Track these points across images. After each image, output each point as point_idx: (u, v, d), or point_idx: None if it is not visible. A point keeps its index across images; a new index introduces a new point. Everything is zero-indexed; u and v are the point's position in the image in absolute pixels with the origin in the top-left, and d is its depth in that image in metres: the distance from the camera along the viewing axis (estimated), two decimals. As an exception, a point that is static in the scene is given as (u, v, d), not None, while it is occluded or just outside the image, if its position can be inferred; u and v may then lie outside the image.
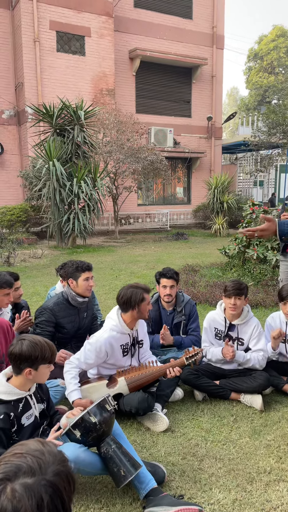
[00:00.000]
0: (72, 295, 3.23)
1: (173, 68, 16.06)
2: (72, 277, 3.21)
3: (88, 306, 3.40)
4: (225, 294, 3.14)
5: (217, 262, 8.19)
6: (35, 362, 2.00)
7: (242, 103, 36.00)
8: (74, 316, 3.29)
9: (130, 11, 14.90)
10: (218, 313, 3.27)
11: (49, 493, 0.79)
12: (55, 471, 0.82)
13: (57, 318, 3.20)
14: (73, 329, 3.30)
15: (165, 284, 3.43)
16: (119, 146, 11.79)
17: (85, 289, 3.24)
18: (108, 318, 2.89)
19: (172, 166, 16.32)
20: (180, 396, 3.10)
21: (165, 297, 3.44)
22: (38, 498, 0.77)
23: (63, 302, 3.25)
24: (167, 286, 3.42)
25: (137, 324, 2.90)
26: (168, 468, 2.32)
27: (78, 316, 3.32)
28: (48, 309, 3.20)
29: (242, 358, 3.09)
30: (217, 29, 16.72)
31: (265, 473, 2.30)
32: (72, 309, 3.28)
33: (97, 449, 2.10)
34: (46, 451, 0.85)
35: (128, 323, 2.82)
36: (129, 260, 9.11)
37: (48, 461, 0.83)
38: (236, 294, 3.07)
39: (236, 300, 3.08)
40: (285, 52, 32.81)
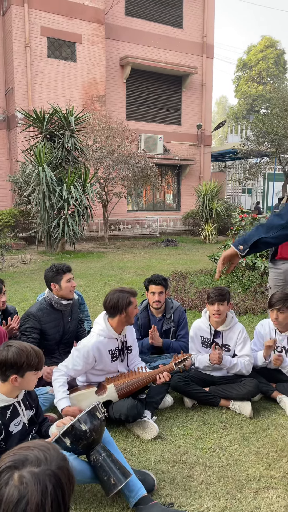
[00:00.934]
0: (55, 299, 3.20)
1: (163, 76, 16.20)
2: (54, 281, 3.18)
3: (72, 309, 3.38)
4: (208, 301, 3.17)
5: (206, 269, 8.23)
6: (20, 369, 1.98)
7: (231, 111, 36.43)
8: (58, 320, 3.26)
9: (121, 19, 15.02)
10: (203, 321, 3.29)
11: (52, 483, 0.86)
12: (58, 465, 0.90)
13: (41, 323, 3.17)
14: (58, 334, 3.27)
15: (153, 290, 3.43)
16: (109, 152, 11.82)
17: (68, 291, 3.22)
18: (95, 324, 2.88)
19: (162, 173, 16.41)
20: (169, 403, 3.10)
21: (154, 303, 3.44)
22: (43, 486, 0.85)
23: (46, 307, 3.22)
24: (155, 293, 3.43)
25: (125, 330, 2.90)
26: (157, 476, 2.31)
27: (63, 320, 3.29)
28: (32, 315, 3.17)
29: (229, 363, 3.11)
30: (207, 39, 16.95)
31: (255, 480, 2.30)
32: (56, 313, 3.25)
33: (87, 457, 2.08)
34: (51, 447, 0.93)
35: (115, 327, 2.81)
36: (118, 266, 9.10)
37: (53, 455, 0.91)
38: (218, 300, 3.09)
39: (219, 306, 3.10)
40: (273, 62, 33.37)
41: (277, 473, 2.36)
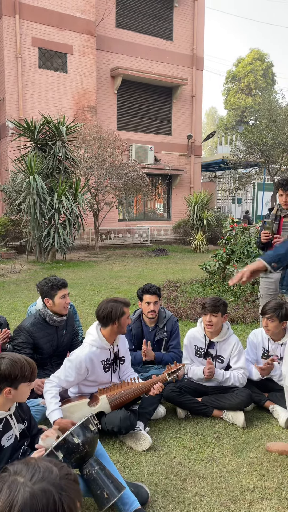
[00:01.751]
0: (49, 314, 3.14)
1: (154, 87, 16.38)
2: (48, 296, 3.10)
3: (67, 322, 3.33)
4: (202, 311, 3.17)
5: (197, 278, 8.25)
6: (15, 381, 1.96)
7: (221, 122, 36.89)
8: (52, 335, 3.21)
9: (112, 31, 15.19)
10: (198, 330, 3.28)
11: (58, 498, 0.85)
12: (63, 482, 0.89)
13: (34, 339, 3.11)
14: (51, 349, 3.23)
15: (148, 300, 3.42)
16: (100, 162, 11.86)
17: (62, 308, 3.16)
18: (87, 334, 2.86)
19: (152, 182, 16.49)
20: (162, 413, 3.08)
21: (149, 313, 3.43)
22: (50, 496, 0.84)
23: (40, 321, 3.16)
24: (151, 302, 3.41)
25: (117, 340, 2.88)
26: (151, 488, 2.28)
27: (57, 334, 3.24)
28: (25, 330, 3.11)
29: (222, 377, 3.10)
30: (196, 51, 17.20)
31: (248, 491, 2.29)
32: (50, 328, 3.20)
33: (80, 470, 2.05)
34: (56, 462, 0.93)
35: (108, 337, 2.79)
36: (109, 275, 9.08)
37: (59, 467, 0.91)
38: (211, 311, 3.08)
39: (211, 317, 3.09)
40: (262, 75, 33.96)
41: (271, 483, 2.35)
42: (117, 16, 15.27)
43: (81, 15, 13.92)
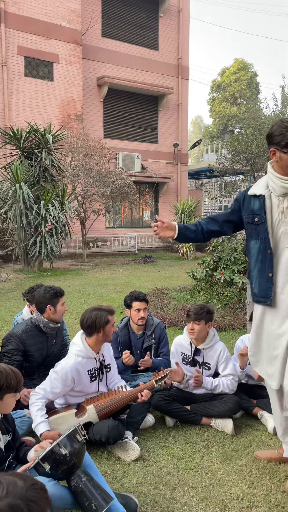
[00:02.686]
0: (44, 322, 3.13)
1: (140, 96, 16.50)
2: (51, 303, 3.11)
3: (57, 333, 3.32)
4: (186, 318, 3.17)
5: (185, 285, 8.26)
6: (0, 392, 1.92)
7: (207, 131, 37.30)
8: (42, 343, 3.19)
9: (98, 40, 15.30)
10: (184, 337, 3.28)
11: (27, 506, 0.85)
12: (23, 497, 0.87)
13: (25, 346, 3.09)
14: (41, 357, 3.20)
15: (138, 307, 3.40)
16: (87, 170, 11.86)
17: (61, 315, 3.19)
18: (72, 344, 2.81)
19: (139, 190, 16.54)
20: (151, 422, 3.05)
21: (139, 320, 3.41)
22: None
23: (32, 329, 3.15)
24: (140, 309, 3.39)
25: (102, 348, 2.85)
26: (140, 499, 2.25)
27: (47, 343, 3.22)
28: (16, 336, 3.08)
29: (210, 385, 3.10)
30: (182, 61, 17.41)
31: (238, 499, 2.27)
32: (41, 336, 3.18)
33: (67, 482, 2.01)
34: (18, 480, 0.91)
35: (93, 346, 2.76)
36: (97, 283, 9.03)
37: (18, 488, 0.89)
38: (193, 319, 3.08)
39: (194, 324, 3.09)
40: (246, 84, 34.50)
41: (260, 491, 2.34)
42: (103, 26, 15.39)
43: (66, 24, 13.99)
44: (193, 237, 2.54)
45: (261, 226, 2.31)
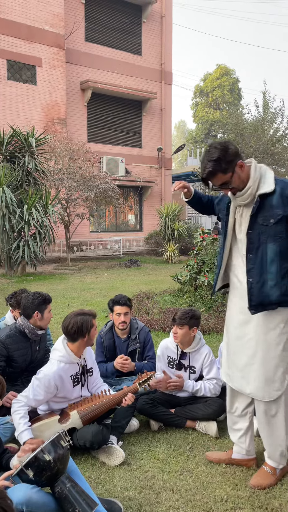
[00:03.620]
0: (30, 328, 3.11)
1: (124, 100, 16.55)
2: (39, 309, 3.10)
3: (41, 338, 3.30)
4: (171, 322, 3.19)
5: (169, 289, 8.29)
6: None
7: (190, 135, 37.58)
8: (26, 349, 3.16)
9: (82, 45, 15.31)
10: (170, 341, 3.29)
11: None
12: None
13: (9, 351, 3.06)
14: (25, 363, 3.17)
15: (119, 311, 3.40)
16: (71, 174, 11.82)
17: (48, 321, 3.19)
18: (54, 350, 2.78)
19: (124, 194, 16.56)
20: (135, 426, 3.05)
21: (120, 324, 3.41)
22: None
23: (15, 334, 3.12)
24: (121, 314, 3.40)
25: (84, 352, 2.84)
26: (124, 504, 2.25)
27: (31, 348, 3.20)
28: (0, 341, 3.06)
29: (191, 388, 3.11)
30: (165, 66, 17.55)
31: (222, 501, 2.29)
32: (25, 342, 3.16)
33: (51, 488, 1.99)
34: None
35: (76, 351, 2.75)
36: (81, 287, 8.99)
37: None
38: (177, 323, 3.11)
39: (177, 329, 3.11)
40: (229, 90, 34.93)
41: (244, 492, 2.36)
42: (86, 30, 15.41)
43: (49, 28, 13.97)
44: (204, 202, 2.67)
45: (223, 224, 2.45)
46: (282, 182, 2.24)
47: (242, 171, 2.22)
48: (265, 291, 2.23)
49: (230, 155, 2.17)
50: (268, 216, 2.22)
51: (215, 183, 2.23)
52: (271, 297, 2.22)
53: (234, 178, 2.21)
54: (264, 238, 2.23)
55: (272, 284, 2.22)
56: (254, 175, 2.24)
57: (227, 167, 2.17)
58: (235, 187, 2.24)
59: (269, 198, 2.22)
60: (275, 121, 15.61)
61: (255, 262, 2.25)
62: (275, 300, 2.23)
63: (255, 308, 2.27)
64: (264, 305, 2.25)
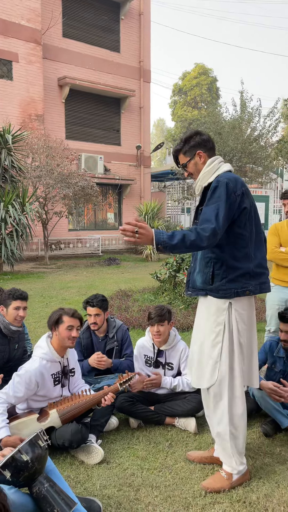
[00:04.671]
0: (5, 323, 3.11)
1: (102, 98, 16.45)
2: (4, 304, 3.12)
3: (20, 337, 3.27)
4: (148, 322, 3.19)
5: (149, 287, 8.30)
6: None
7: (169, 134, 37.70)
8: (4, 346, 3.13)
9: (59, 40, 15.13)
10: (146, 339, 3.30)
11: None
12: None
13: None
14: (2, 361, 3.13)
15: (90, 312, 3.37)
16: (48, 171, 11.67)
17: (13, 319, 3.13)
18: (37, 347, 2.78)
19: (103, 192, 16.47)
20: (115, 425, 3.04)
21: (91, 325, 3.39)
22: None
23: None
24: (91, 315, 3.36)
25: (67, 353, 2.83)
26: (103, 502, 2.24)
27: (9, 346, 3.16)
28: None
29: (169, 385, 3.13)
30: (143, 64, 17.52)
31: (201, 496, 2.31)
32: (2, 339, 3.12)
33: (29, 489, 1.97)
34: None
35: (58, 350, 2.74)
36: (60, 286, 8.91)
37: None
38: (158, 321, 3.12)
39: (159, 327, 3.13)
40: (207, 89, 35.19)
41: (222, 487, 2.38)
42: (63, 26, 15.23)
43: (26, 23, 13.74)
44: None
45: None
46: (221, 177, 2.27)
47: (201, 161, 2.37)
48: (193, 276, 2.42)
49: (195, 141, 2.37)
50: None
51: (179, 161, 2.45)
52: (196, 282, 2.38)
53: (191, 164, 2.39)
54: None
55: (197, 270, 2.38)
56: (205, 168, 2.35)
57: (187, 150, 2.38)
58: (190, 173, 2.42)
59: (208, 190, 2.31)
60: (252, 121, 15.81)
61: None
62: (198, 286, 2.37)
63: (191, 291, 2.44)
64: (195, 290, 2.41)
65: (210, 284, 2.30)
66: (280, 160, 16.80)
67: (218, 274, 2.27)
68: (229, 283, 2.26)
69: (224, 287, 2.27)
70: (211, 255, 2.30)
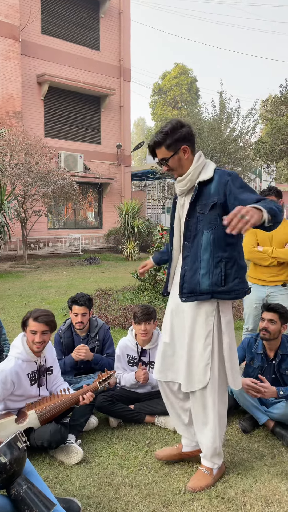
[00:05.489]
0: None
1: (82, 96, 16.33)
2: None
3: None
4: (135, 321, 3.19)
5: (129, 286, 8.30)
6: None
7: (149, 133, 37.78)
8: None
9: (38, 37, 14.94)
10: (129, 339, 3.30)
11: None
12: None
13: None
14: None
15: (76, 311, 3.36)
16: (27, 169, 11.52)
17: None
18: (12, 347, 2.75)
19: (83, 190, 16.37)
20: (94, 424, 3.03)
21: (76, 324, 3.37)
22: None
23: None
24: (78, 314, 3.35)
25: (45, 350, 2.80)
26: (83, 502, 2.23)
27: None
28: None
29: (155, 381, 3.14)
30: (123, 62, 17.48)
31: (180, 494, 2.32)
32: None
33: (7, 491, 1.94)
34: None
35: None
36: (39, 286, 8.81)
37: None
38: (145, 319, 3.13)
39: (146, 325, 3.14)
40: (187, 89, 35.39)
41: (201, 483, 2.41)
42: (42, 23, 15.05)
43: (4, 19, 13.52)
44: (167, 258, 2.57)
45: (171, 222, 2.41)
46: (220, 171, 2.25)
47: (185, 157, 2.22)
48: (196, 278, 2.21)
49: (180, 135, 2.18)
50: (206, 204, 2.21)
51: (158, 155, 2.25)
52: (201, 285, 2.20)
53: (174, 159, 2.22)
54: (200, 227, 2.22)
55: (203, 272, 2.19)
56: (195, 163, 2.25)
57: (171, 143, 2.18)
58: (172, 168, 2.25)
59: (207, 186, 2.22)
60: (231, 121, 15.98)
61: (191, 250, 2.25)
62: (205, 289, 2.19)
63: (187, 297, 2.25)
64: (196, 294, 2.23)
65: (223, 285, 2.18)
66: (259, 160, 17.02)
67: (230, 274, 2.18)
68: (241, 283, 2.21)
69: (237, 288, 2.20)
70: (223, 254, 2.19)
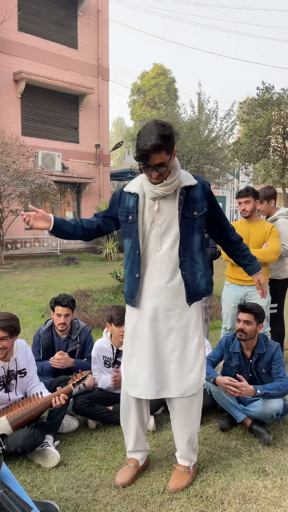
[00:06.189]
0: None
1: (60, 94, 16.18)
2: None
3: None
4: (115, 324, 3.16)
5: (108, 286, 8.26)
6: None
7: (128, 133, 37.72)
8: None
9: (14, 34, 14.71)
10: (105, 340, 3.28)
11: None
12: None
13: None
14: None
15: (59, 312, 3.31)
16: (3, 168, 11.34)
17: None
18: None
19: (61, 190, 16.21)
20: (75, 426, 3.01)
21: (59, 325, 3.32)
22: None
23: None
24: (61, 315, 3.31)
25: (15, 353, 2.75)
26: (61, 505, 2.21)
27: None
28: None
29: None
30: (102, 61, 17.40)
31: (159, 493, 2.33)
32: None
33: (-19, 497, 1.90)
34: None
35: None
36: (16, 287, 8.68)
37: None
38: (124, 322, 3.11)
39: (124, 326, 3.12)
40: (165, 89, 35.54)
41: (180, 482, 2.41)
42: (19, 20, 14.82)
43: (-20, 14, 13.25)
44: (71, 232, 2.43)
45: (133, 225, 2.26)
46: (199, 178, 2.33)
47: (173, 160, 2.19)
48: (196, 281, 2.28)
49: (174, 138, 2.12)
50: (192, 208, 2.23)
51: (154, 160, 2.08)
52: (201, 287, 2.30)
53: (170, 163, 2.15)
54: (190, 230, 2.25)
55: (201, 274, 2.30)
56: (178, 166, 2.26)
57: (170, 148, 2.11)
58: (162, 173, 2.14)
59: (191, 191, 2.23)
60: (209, 122, 16.14)
61: (186, 255, 2.25)
62: (203, 290, 2.31)
63: (191, 300, 2.29)
64: (196, 296, 2.30)
65: (211, 284, 2.39)
66: (236, 161, 17.26)
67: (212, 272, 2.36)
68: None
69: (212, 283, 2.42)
70: (206, 255, 2.38)
